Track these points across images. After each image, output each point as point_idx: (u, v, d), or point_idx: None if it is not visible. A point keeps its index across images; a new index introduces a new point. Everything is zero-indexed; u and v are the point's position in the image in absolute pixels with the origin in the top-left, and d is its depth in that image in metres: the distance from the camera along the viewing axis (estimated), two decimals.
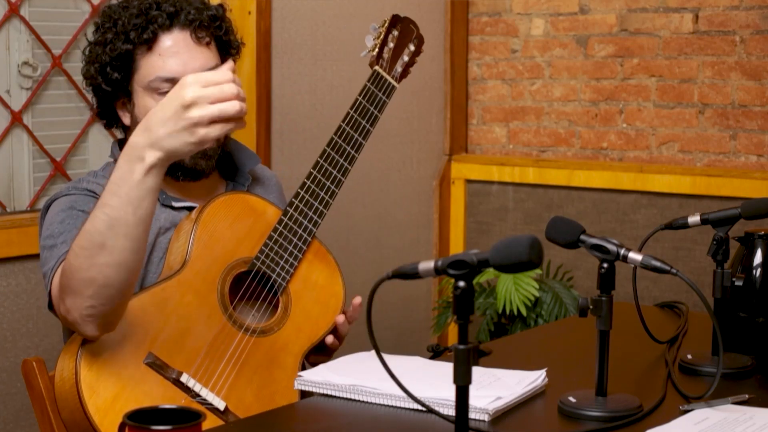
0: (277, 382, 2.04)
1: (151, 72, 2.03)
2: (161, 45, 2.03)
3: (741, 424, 1.67)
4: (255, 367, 2.02)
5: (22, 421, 2.71)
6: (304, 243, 2.11)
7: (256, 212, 2.13)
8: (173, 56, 2.02)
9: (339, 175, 2.14)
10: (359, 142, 2.15)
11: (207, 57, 2.06)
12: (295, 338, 2.09)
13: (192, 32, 2.04)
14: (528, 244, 1.38)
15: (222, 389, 1.98)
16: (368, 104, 2.16)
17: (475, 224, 3.91)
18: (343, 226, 3.54)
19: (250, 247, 2.08)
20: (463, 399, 1.37)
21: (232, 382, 1.99)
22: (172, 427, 1.48)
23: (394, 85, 2.20)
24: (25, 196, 2.80)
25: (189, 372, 1.96)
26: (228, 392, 1.98)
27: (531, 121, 3.81)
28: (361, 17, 3.53)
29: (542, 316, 3.39)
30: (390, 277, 1.46)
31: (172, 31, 2.03)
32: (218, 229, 2.07)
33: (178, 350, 1.96)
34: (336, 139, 2.13)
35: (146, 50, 2.03)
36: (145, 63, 2.04)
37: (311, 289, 2.13)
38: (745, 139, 3.42)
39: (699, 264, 3.39)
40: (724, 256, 1.99)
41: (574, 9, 3.69)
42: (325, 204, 2.12)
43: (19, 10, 2.75)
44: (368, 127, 2.16)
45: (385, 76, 2.19)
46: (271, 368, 2.04)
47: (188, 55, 2.03)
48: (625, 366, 2.01)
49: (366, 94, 2.16)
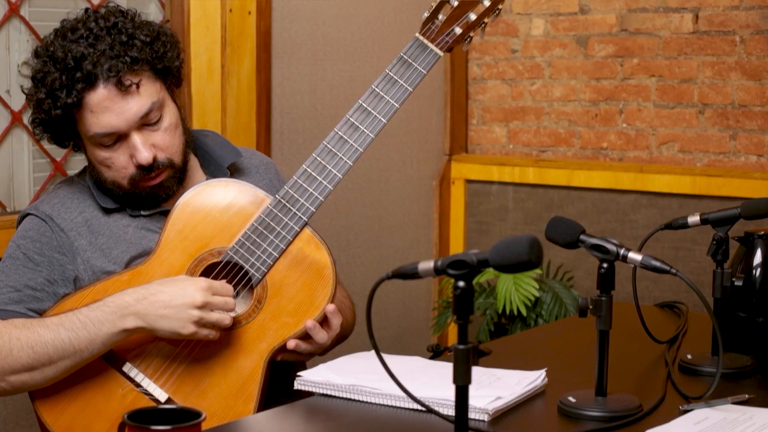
0: (234, 381, 1.99)
1: (90, 128, 2.01)
2: (90, 103, 1.99)
3: (741, 424, 1.67)
4: (213, 361, 1.99)
5: (22, 421, 2.71)
6: (289, 233, 2.00)
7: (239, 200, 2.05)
8: (104, 111, 1.99)
9: (346, 159, 2.02)
10: (378, 121, 2.02)
11: (139, 102, 2.00)
12: (262, 335, 2.00)
13: (116, 84, 1.98)
14: (528, 244, 1.38)
15: (168, 380, 1.97)
16: (396, 76, 2.02)
17: (475, 224, 3.91)
18: (343, 226, 3.54)
19: (228, 237, 2.02)
20: (462, 399, 1.37)
21: (182, 375, 1.98)
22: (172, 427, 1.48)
23: (437, 54, 2.03)
24: (25, 196, 2.80)
25: (135, 362, 1.97)
26: (175, 385, 1.97)
27: (531, 121, 3.81)
28: (361, 17, 3.53)
29: (542, 316, 3.39)
30: (390, 277, 1.46)
31: (96, 88, 1.97)
32: (193, 219, 2.03)
33: (130, 340, 1.97)
34: (349, 119, 2.02)
35: (78, 108, 2.00)
36: (81, 118, 2.02)
37: (291, 284, 2.01)
38: (745, 139, 3.41)
39: (699, 264, 3.39)
40: (724, 256, 1.99)
41: (574, 9, 3.69)
42: (322, 190, 2.01)
43: (19, 10, 2.75)
44: (393, 104, 2.02)
45: (426, 42, 2.03)
46: (231, 364, 1.99)
47: (119, 108, 1.99)
48: (624, 366, 2.01)
49: (395, 64, 2.03)
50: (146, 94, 2.01)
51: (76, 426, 1.97)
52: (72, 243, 2.04)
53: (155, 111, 2.02)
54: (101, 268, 2.04)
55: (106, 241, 2.06)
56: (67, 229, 2.05)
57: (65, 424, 1.97)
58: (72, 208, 2.09)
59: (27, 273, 2.02)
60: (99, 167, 2.07)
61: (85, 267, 2.04)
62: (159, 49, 2.05)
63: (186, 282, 1.93)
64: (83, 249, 2.04)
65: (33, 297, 2.00)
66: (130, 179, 2.04)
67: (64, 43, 2.00)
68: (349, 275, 3.44)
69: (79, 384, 1.97)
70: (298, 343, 2.00)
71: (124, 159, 2.03)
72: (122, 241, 2.06)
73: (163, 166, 2.04)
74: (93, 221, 2.08)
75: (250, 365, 1.98)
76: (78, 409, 1.98)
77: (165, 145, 2.04)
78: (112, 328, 1.91)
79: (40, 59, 2.02)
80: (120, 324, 1.91)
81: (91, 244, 2.05)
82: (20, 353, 1.91)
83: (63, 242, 2.04)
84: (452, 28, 2.04)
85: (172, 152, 2.06)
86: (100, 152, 2.04)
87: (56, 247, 2.04)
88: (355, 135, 2.02)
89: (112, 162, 2.04)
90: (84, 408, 1.98)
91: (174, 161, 2.06)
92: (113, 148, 2.03)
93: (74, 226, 2.06)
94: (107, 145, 2.02)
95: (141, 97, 2.01)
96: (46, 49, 2.02)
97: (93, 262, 2.04)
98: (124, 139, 2.02)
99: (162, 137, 2.04)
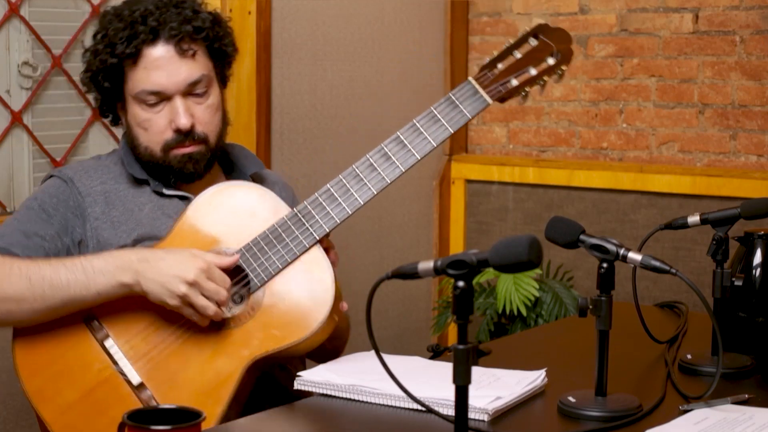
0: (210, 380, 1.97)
1: (138, 85, 2.07)
2: (146, 59, 2.06)
3: (740, 424, 1.68)
4: (194, 356, 1.98)
5: (22, 421, 2.71)
6: (298, 247, 1.99)
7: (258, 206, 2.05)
8: (157, 69, 2.06)
9: (370, 186, 2.00)
10: (411, 155, 2.00)
11: (191, 69, 2.08)
12: (247, 341, 1.97)
13: (176, 45, 2.06)
14: (527, 244, 1.38)
15: (146, 366, 1.97)
16: (440, 115, 1.99)
17: (475, 224, 3.91)
18: (343, 226, 3.52)
19: (239, 241, 2.01)
20: (462, 399, 1.37)
21: (161, 363, 1.97)
22: (172, 427, 1.48)
23: (486, 101, 1.99)
24: (25, 195, 2.79)
25: (118, 340, 1.98)
26: (152, 371, 1.97)
27: (531, 121, 3.81)
28: (361, 17, 3.53)
29: (542, 316, 3.39)
30: (390, 277, 1.46)
31: (156, 45, 2.06)
32: (209, 216, 2.04)
33: (120, 317, 1.99)
34: (383, 147, 2.01)
35: (132, 63, 2.07)
36: (132, 75, 2.08)
37: (288, 299, 1.99)
38: (745, 139, 3.41)
39: (699, 264, 3.39)
40: (724, 256, 1.99)
41: (574, 9, 3.69)
42: (339, 212, 2.01)
43: (19, 10, 2.75)
44: (430, 141, 1.98)
45: (478, 88, 1.99)
46: (211, 363, 1.98)
47: (172, 68, 2.06)
48: (624, 366, 2.01)
49: (442, 103, 1.99)
50: (200, 64, 2.09)
51: (47, 388, 1.99)
52: (86, 208, 2.09)
53: (203, 83, 2.09)
54: (107, 239, 2.07)
55: (119, 216, 2.09)
56: (85, 193, 2.10)
57: (38, 385, 1.99)
58: (94, 177, 2.13)
59: (39, 223, 2.06)
60: (136, 130, 2.11)
61: (92, 234, 2.07)
62: (218, 31, 2.13)
63: (189, 255, 1.94)
64: (95, 217, 2.08)
65: (40, 246, 2.03)
66: (165, 145, 2.08)
67: (132, 6, 2.09)
68: (349, 275, 3.44)
69: (61, 349, 1.99)
70: None
71: (163, 123, 2.08)
72: (134, 219, 2.09)
73: (198, 138, 2.09)
74: (111, 194, 2.11)
75: (228, 369, 1.96)
76: (54, 372, 1.99)
77: (204, 121, 2.10)
78: (110, 280, 1.93)
79: (105, 18, 2.10)
80: (118, 276, 1.93)
81: (104, 214, 2.09)
82: (18, 281, 1.94)
83: (78, 204, 2.09)
84: (509, 78, 2.01)
85: (210, 130, 2.11)
86: (141, 112, 2.09)
87: (71, 207, 2.09)
88: (385, 164, 2.01)
89: (151, 124, 2.08)
90: (60, 373, 1.99)
91: (209, 139, 2.11)
92: (155, 109, 2.08)
93: (92, 192, 2.10)
94: (150, 104, 2.07)
95: (195, 64, 2.08)
96: (113, 9, 2.11)
97: (101, 232, 2.07)
98: (167, 102, 2.07)
99: (204, 112, 2.10)
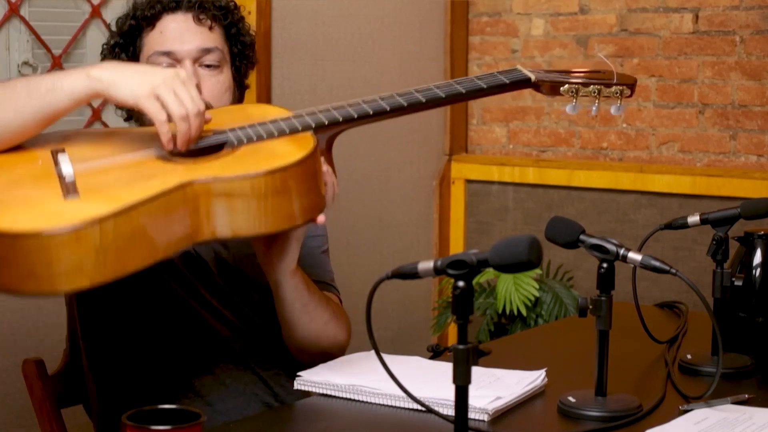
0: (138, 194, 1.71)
1: (152, 47, 2.09)
2: (163, 23, 2.10)
3: (740, 424, 1.68)
4: (134, 175, 1.79)
5: (22, 421, 2.71)
6: (288, 125, 1.88)
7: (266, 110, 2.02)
8: (172, 32, 2.09)
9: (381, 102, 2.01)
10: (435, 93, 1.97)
11: (206, 36, 2.10)
12: (193, 171, 1.76)
13: (194, 14, 2.10)
14: (527, 244, 1.38)
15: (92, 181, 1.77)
16: (476, 78, 1.99)
17: (475, 224, 3.91)
18: (343, 226, 3.54)
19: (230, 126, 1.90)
20: (462, 399, 1.37)
21: (101, 174, 1.79)
22: (172, 427, 1.48)
23: (527, 76, 2.01)
24: None
25: (73, 154, 1.81)
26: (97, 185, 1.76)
27: (531, 121, 3.81)
28: (361, 17, 3.53)
29: (542, 316, 3.39)
30: (389, 277, 1.46)
31: (176, 12, 2.10)
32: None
33: (87, 144, 1.87)
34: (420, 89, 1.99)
35: (150, 29, 2.10)
36: (147, 39, 2.11)
37: (262, 148, 1.84)
38: (745, 139, 3.42)
39: (699, 264, 3.39)
40: (724, 256, 1.99)
41: (574, 9, 3.69)
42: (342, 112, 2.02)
43: (19, 10, 2.75)
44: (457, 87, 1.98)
45: (522, 69, 2.02)
46: (148, 182, 1.75)
47: (188, 34, 2.09)
48: (624, 366, 2.01)
49: (483, 75, 2.01)
50: (215, 37, 2.11)
51: None
52: None
53: (216, 55, 2.09)
54: None
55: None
56: None
57: None
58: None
59: None
60: None
61: None
62: (236, 17, 2.16)
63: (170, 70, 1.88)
64: None
65: None
66: None
67: None
68: (349, 275, 3.44)
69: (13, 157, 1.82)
70: None
71: None
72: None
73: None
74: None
75: (160, 186, 1.71)
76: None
77: (212, 92, 2.08)
78: (79, 75, 1.83)
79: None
80: (88, 70, 1.83)
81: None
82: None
83: None
84: (561, 72, 2.04)
85: (215, 102, 2.09)
86: None
87: None
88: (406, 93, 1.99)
89: None
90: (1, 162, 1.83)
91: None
92: None
93: None
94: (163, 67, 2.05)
95: (210, 34, 2.10)
96: None
97: None
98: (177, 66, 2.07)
99: (211, 84, 2.09)
